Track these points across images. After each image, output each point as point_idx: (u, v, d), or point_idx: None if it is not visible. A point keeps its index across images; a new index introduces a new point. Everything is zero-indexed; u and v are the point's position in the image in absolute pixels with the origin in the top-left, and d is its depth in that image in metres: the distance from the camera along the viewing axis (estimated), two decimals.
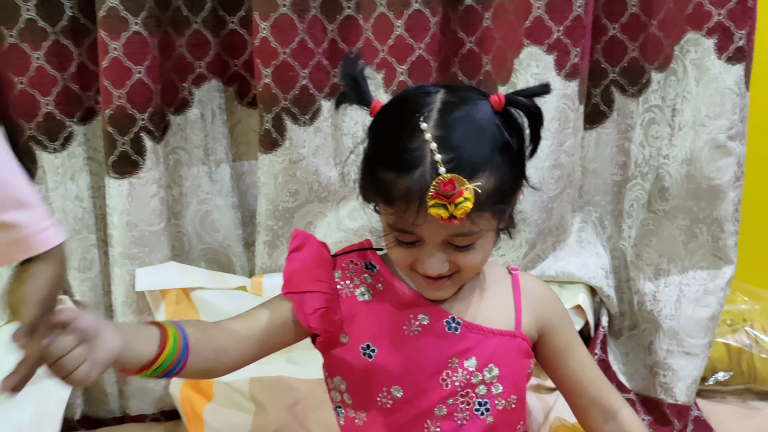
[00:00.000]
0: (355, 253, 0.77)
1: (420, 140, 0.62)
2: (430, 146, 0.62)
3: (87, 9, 1.04)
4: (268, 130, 1.06)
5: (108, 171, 1.05)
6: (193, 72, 1.11)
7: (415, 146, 0.63)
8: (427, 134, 0.62)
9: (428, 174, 0.62)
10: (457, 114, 0.64)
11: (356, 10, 1.07)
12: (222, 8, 1.10)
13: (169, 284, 1.08)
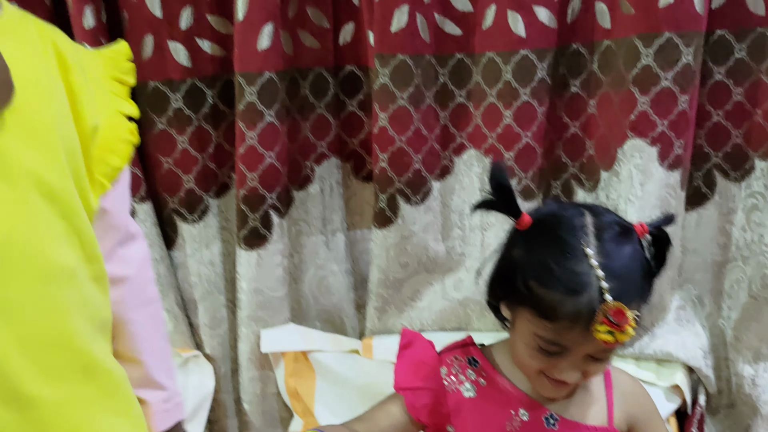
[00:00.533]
0: (458, 349, 0.85)
1: (585, 265, 0.69)
2: (597, 273, 0.68)
3: (226, 97, 1.17)
4: (382, 208, 1.16)
5: (239, 243, 1.17)
6: (315, 151, 1.21)
7: (580, 270, 0.69)
8: (592, 260, 0.69)
9: (595, 300, 0.68)
10: (615, 242, 0.71)
11: (467, 98, 1.15)
12: (343, 93, 1.20)
13: (290, 347, 1.19)
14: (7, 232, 0.53)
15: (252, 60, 1.07)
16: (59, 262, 0.56)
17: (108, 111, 0.65)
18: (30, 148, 0.55)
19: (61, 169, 0.57)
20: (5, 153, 0.53)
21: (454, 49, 1.13)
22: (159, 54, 1.12)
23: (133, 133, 0.69)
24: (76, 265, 0.58)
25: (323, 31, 1.17)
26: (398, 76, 1.08)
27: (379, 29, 1.07)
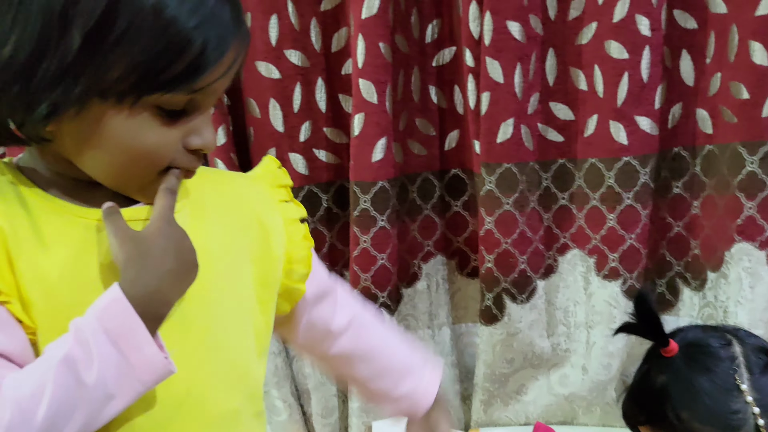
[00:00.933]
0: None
1: (741, 402, 0.72)
2: (753, 410, 0.71)
3: (339, 200, 1.26)
4: (488, 306, 1.20)
5: None
6: (422, 250, 1.28)
7: (737, 408, 0.72)
8: (748, 397, 0.72)
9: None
10: (766, 374, 0.73)
11: (570, 200, 1.19)
12: (448, 195, 1.27)
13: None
14: (186, 388, 0.61)
15: (366, 171, 1.16)
16: (230, 407, 0.64)
17: (283, 222, 0.72)
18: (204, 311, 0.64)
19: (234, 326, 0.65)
20: (185, 318, 0.62)
21: (556, 155, 1.18)
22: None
23: (308, 236, 0.74)
24: (240, 406, 0.65)
25: (430, 139, 1.25)
26: (504, 183, 1.14)
27: (485, 140, 1.13)
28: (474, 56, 1.13)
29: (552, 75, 1.16)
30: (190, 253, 0.60)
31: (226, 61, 0.59)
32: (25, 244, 0.58)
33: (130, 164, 0.60)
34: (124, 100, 0.57)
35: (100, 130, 0.59)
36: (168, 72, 0.56)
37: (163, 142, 0.59)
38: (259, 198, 0.73)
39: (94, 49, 0.56)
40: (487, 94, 1.11)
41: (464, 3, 1.13)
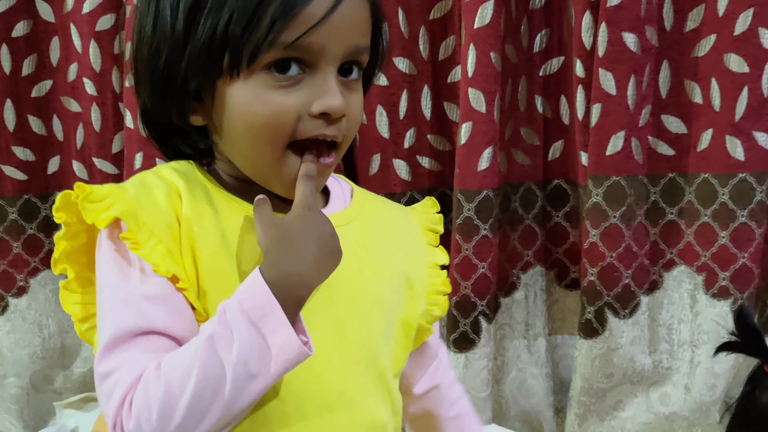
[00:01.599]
0: None
1: None
2: None
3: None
4: (589, 320, 1.19)
5: (449, 346, 1.24)
6: (522, 260, 1.27)
7: None
8: None
9: None
10: None
11: (679, 215, 1.17)
12: (550, 205, 1.26)
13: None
14: (340, 391, 0.63)
15: (472, 179, 1.16)
16: (378, 418, 0.65)
17: (427, 265, 0.74)
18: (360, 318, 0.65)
19: (384, 339, 0.67)
20: (342, 322, 0.64)
21: (666, 169, 1.16)
22: (384, 170, 1.24)
23: (446, 283, 0.75)
24: (388, 420, 0.67)
25: (534, 149, 1.24)
26: (611, 196, 1.13)
27: (594, 152, 1.12)
28: (585, 67, 1.12)
29: (665, 87, 1.14)
30: (331, 238, 0.60)
31: (313, 11, 0.58)
32: (209, 240, 0.62)
33: (255, 137, 0.61)
34: (240, 69, 0.59)
35: (227, 108, 0.62)
36: (259, 27, 0.57)
37: (279, 106, 0.60)
38: (412, 234, 0.75)
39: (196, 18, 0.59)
40: (598, 105, 1.10)
41: (577, 13, 1.12)
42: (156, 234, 0.60)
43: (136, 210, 0.60)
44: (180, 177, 0.64)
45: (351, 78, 0.63)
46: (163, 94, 0.64)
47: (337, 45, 0.60)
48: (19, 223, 1.36)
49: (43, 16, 1.33)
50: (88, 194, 0.60)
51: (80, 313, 0.65)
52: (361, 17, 0.62)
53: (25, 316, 1.40)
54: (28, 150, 1.35)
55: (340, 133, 0.63)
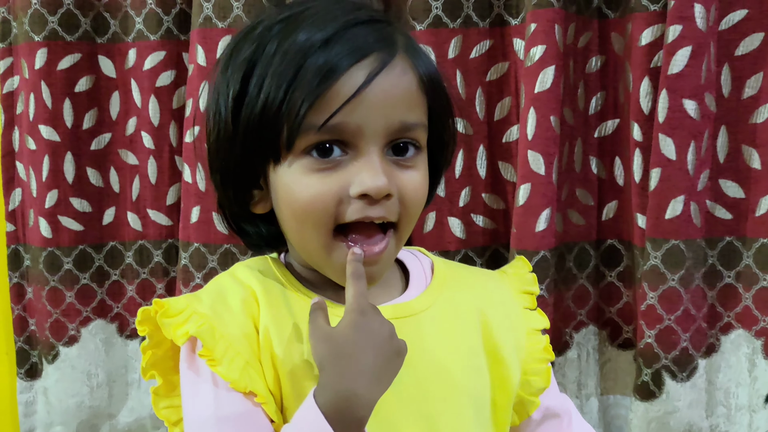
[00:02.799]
0: None
1: None
2: None
3: (491, 264, 1.27)
4: (646, 382, 1.18)
5: None
6: (575, 319, 1.28)
7: None
8: None
9: None
10: None
11: (736, 279, 1.17)
12: (603, 265, 1.27)
13: None
14: None
15: (529, 240, 1.17)
16: None
17: (525, 331, 0.71)
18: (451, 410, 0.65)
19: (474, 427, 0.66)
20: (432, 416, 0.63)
21: (724, 233, 1.16)
22: (438, 228, 1.25)
23: (548, 349, 0.72)
24: None
25: (588, 209, 1.25)
26: (670, 259, 1.13)
27: (652, 215, 1.13)
28: (643, 131, 1.14)
29: (723, 152, 1.15)
30: (389, 341, 0.57)
31: (341, 90, 0.56)
32: (289, 345, 0.61)
33: (300, 223, 0.61)
34: (281, 155, 0.59)
35: (276, 194, 0.62)
36: (290, 111, 0.57)
37: (319, 189, 0.58)
38: (505, 300, 0.72)
39: (241, 107, 0.60)
40: (657, 170, 1.11)
41: (635, 78, 1.14)
42: (233, 346, 0.59)
43: (212, 323, 0.60)
44: (256, 277, 0.64)
45: (406, 156, 0.61)
46: (224, 183, 0.65)
47: (375, 123, 0.58)
48: (74, 272, 1.38)
49: (105, 72, 1.36)
50: (165, 309, 0.61)
51: (172, 417, 0.66)
52: (404, 91, 0.60)
53: (75, 365, 1.40)
54: (85, 201, 1.37)
55: (390, 213, 0.61)
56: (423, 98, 0.63)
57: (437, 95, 0.65)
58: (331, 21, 0.58)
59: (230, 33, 1.24)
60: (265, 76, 0.58)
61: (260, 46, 0.60)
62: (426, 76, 0.63)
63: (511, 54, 1.23)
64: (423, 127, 0.63)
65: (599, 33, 1.21)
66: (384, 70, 0.58)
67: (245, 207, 0.65)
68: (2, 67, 1.37)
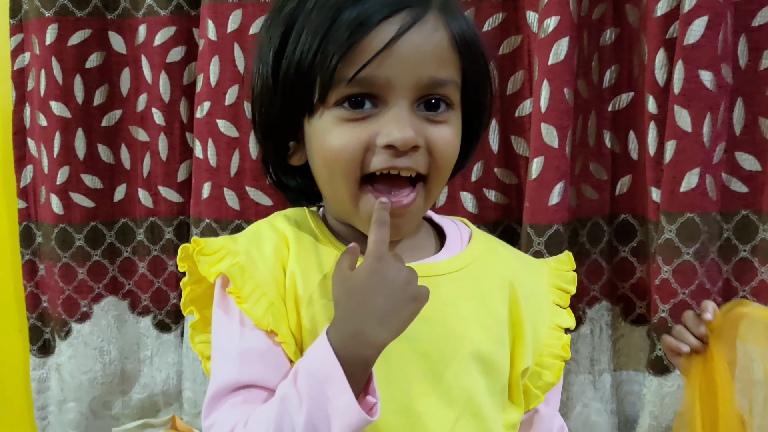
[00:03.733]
0: None
1: None
2: None
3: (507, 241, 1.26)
4: (660, 357, 1.18)
5: None
6: (588, 294, 1.27)
7: None
8: None
9: None
10: None
11: (752, 253, 1.16)
12: (616, 240, 1.26)
13: None
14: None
15: (543, 214, 1.16)
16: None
17: (548, 325, 0.72)
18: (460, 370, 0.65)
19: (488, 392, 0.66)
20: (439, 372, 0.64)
21: (739, 206, 1.15)
22: (451, 202, 1.25)
23: (567, 348, 0.72)
24: None
25: (602, 183, 1.24)
26: (685, 233, 1.12)
27: (667, 189, 1.12)
28: (658, 103, 1.12)
29: (739, 125, 1.13)
30: (404, 288, 0.58)
31: (372, 44, 0.58)
32: (312, 290, 0.63)
33: (329, 171, 0.63)
34: (315, 106, 0.61)
35: (309, 145, 0.65)
36: (324, 64, 0.59)
37: (348, 138, 0.60)
38: (538, 289, 0.73)
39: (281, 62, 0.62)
40: (672, 142, 1.10)
41: (651, 50, 1.12)
42: (261, 287, 0.63)
43: (244, 263, 0.63)
44: (291, 226, 0.67)
45: (438, 112, 0.62)
46: (265, 136, 0.66)
47: (404, 77, 0.59)
48: (85, 249, 1.38)
49: (115, 48, 1.36)
50: (202, 248, 0.64)
51: (206, 352, 0.68)
52: (435, 47, 0.61)
53: (87, 342, 1.41)
54: (97, 178, 1.37)
55: (417, 165, 0.62)
56: (455, 56, 0.63)
57: (472, 55, 0.65)
58: None
59: (241, 7, 1.24)
60: (302, 30, 0.60)
61: (301, 1, 0.61)
62: (459, 35, 0.63)
63: (524, 27, 1.22)
64: (454, 85, 0.64)
65: (614, 5, 1.19)
66: (415, 26, 0.59)
67: (283, 159, 0.67)
68: (13, 44, 1.37)
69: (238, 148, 1.28)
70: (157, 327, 1.42)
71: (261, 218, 1.28)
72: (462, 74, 0.65)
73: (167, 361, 1.43)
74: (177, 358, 1.42)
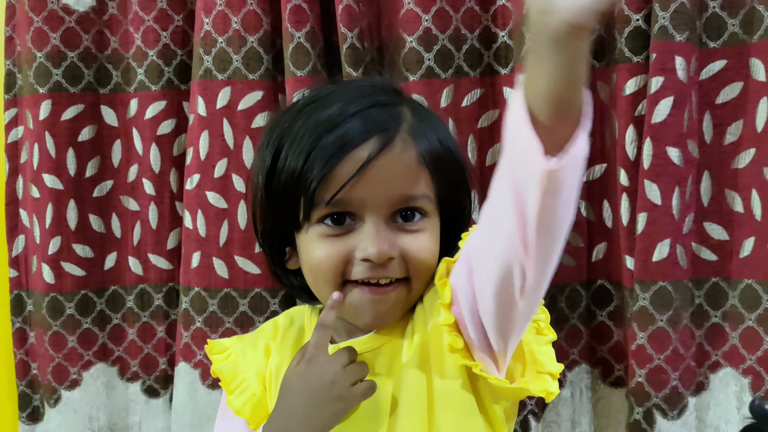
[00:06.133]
0: None
1: None
2: None
3: None
4: (638, 420, 1.21)
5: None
6: (568, 358, 1.31)
7: None
8: None
9: None
10: None
11: (723, 318, 1.20)
12: (594, 304, 1.30)
13: None
14: None
15: None
16: None
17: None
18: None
19: None
20: None
21: (709, 274, 1.20)
22: None
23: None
24: None
25: (579, 250, 1.29)
26: (658, 301, 1.17)
27: (640, 258, 1.16)
28: (629, 176, 1.18)
29: (707, 196, 1.19)
30: (329, 387, 0.65)
31: (346, 170, 0.65)
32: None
33: (314, 279, 0.70)
34: (302, 223, 0.68)
35: (300, 253, 0.72)
36: (306, 189, 0.66)
37: (329, 253, 0.67)
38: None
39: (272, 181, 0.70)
40: (644, 214, 1.15)
41: (621, 126, 1.18)
42: (246, 381, 0.73)
43: (237, 360, 0.74)
44: (286, 322, 0.76)
45: (414, 221, 0.69)
46: (263, 243, 0.73)
47: (377, 197, 0.66)
48: (76, 317, 1.40)
49: (107, 121, 1.40)
50: (212, 348, 0.76)
51: None
52: (404, 167, 0.68)
53: (77, 408, 1.42)
54: (88, 247, 1.41)
55: (394, 273, 0.68)
56: (425, 172, 0.69)
57: (442, 170, 0.71)
58: (349, 103, 0.67)
59: (229, 85, 1.29)
60: (287, 154, 0.67)
61: (291, 125, 0.68)
62: (428, 153, 0.69)
63: (501, 102, 1.27)
64: (426, 198, 0.70)
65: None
66: (385, 150, 0.66)
67: (281, 263, 0.74)
68: (7, 118, 1.41)
69: (227, 219, 1.32)
70: (146, 392, 1.44)
71: (249, 287, 1.33)
72: (436, 186, 0.70)
73: (156, 427, 1.44)
74: (166, 423, 1.44)
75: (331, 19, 1.27)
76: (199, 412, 1.35)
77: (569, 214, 0.54)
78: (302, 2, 1.23)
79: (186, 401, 1.36)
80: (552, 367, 0.72)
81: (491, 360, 0.67)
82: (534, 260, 0.55)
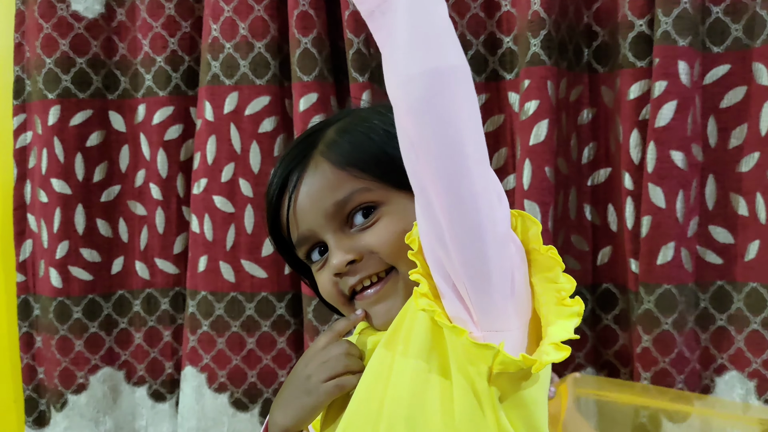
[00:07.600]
0: None
1: None
2: None
3: None
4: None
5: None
6: (573, 362, 1.31)
7: None
8: None
9: None
10: None
11: (728, 322, 1.21)
12: (599, 308, 1.31)
13: None
14: None
15: None
16: None
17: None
18: None
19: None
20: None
21: (715, 277, 1.20)
22: None
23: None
24: None
25: (584, 254, 1.29)
26: (663, 303, 1.17)
27: (645, 261, 1.17)
28: (633, 180, 1.18)
29: (711, 200, 1.20)
30: (304, 382, 0.71)
31: (284, 213, 0.73)
32: None
33: (329, 301, 0.76)
34: (304, 260, 0.77)
35: None
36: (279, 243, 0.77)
37: (323, 283, 0.74)
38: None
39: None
40: (648, 217, 1.15)
41: (625, 130, 1.19)
42: None
43: None
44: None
45: (362, 221, 0.71)
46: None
47: (316, 219, 0.71)
48: (83, 321, 1.41)
49: (115, 126, 1.42)
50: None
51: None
52: (324, 181, 0.71)
53: (83, 413, 1.43)
54: (95, 251, 1.41)
55: (369, 270, 0.71)
56: (347, 173, 0.71)
57: (369, 156, 0.71)
58: (279, 161, 0.76)
59: (237, 90, 1.30)
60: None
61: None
62: (343, 156, 0.71)
63: (506, 107, 1.28)
64: (361, 191, 0.71)
65: (590, 87, 1.27)
66: (300, 179, 0.72)
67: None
68: (16, 123, 1.42)
69: (233, 223, 1.33)
70: (152, 397, 1.44)
71: (256, 291, 1.33)
72: (372, 174, 0.71)
73: (162, 431, 1.44)
74: (172, 427, 1.44)
75: (338, 25, 1.28)
76: (206, 416, 1.36)
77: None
78: (309, 8, 1.25)
79: (192, 405, 1.36)
80: (556, 337, 0.65)
81: (468, 316, 0.63)
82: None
